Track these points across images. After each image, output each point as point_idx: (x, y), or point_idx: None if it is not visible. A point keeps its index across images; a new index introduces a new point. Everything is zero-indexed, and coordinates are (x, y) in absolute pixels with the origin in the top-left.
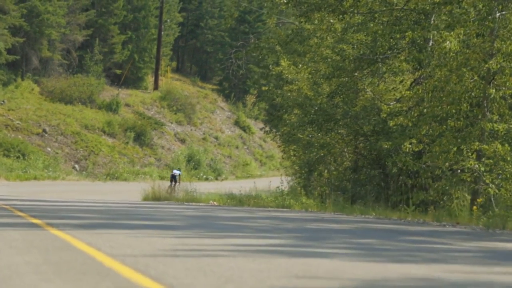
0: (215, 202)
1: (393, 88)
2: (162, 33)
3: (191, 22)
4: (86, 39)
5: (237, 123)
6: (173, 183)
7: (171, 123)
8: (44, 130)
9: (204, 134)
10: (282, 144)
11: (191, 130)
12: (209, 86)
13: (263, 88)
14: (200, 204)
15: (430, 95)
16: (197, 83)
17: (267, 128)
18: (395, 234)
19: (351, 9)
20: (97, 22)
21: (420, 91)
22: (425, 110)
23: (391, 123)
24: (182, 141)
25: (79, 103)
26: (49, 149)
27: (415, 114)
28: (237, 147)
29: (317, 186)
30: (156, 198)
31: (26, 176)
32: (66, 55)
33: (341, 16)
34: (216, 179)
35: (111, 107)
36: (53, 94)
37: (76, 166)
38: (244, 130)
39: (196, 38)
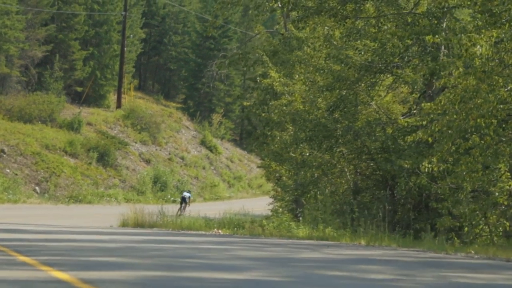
0: (220, 231)
1: (402, 101)
2: (125, 49)
3: (154, 38)
4: (45, 55)
5: (203, 142)
6: (183, 205)
7: (135, 142)
8: (2, 151)
9: (169, 154)
10: (270, 163)
11: (156, 150)
12: (173, 105)
13: (245, 103)
14: (203, 232)
15: (456, 106)
16: (161, 101)
17: (252, 146)
18: None
19: (354, 13)
20: (57, 38)
21: (442, 102)
22: (449, 125)
23: (408, 139)
24: (147, 161)
25: (39, 122)
26: (8, 170)
27: (437, 129)
28: (204, 168)
29: (311, 210)
30: (139, 224)
31: None
32: (25, 71)
33: (342, 21)
34: None
35: (73, 126)
36: (11, 112)
37: (37, 188)
38: (211, 150)
39: (159, 55)
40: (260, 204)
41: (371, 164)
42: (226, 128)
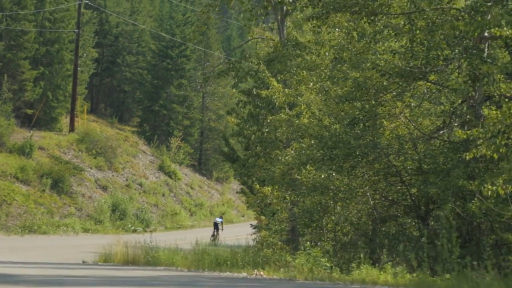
0: (262, 273)
1: (442, 112)
2: (79, 69)
3: (107, 59)
4: None
5: (161, 168)
6: (216, 230)
7: (91, 168)
8: None
9: (127, 180)
10: (261, 189)
11: (113, 176)
12: (128, 128)
13: (230, 119)
14: (244, 276)
15: None
16: (115, 124)
17: (239, 170)
18: None
19: (381, 9)
20: (6, 57)
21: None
22: None
23: (467, 156)
24: (104, 188)
25: None
26: None
27: (503, 142)
28: (163, 195)
29: (317, 241)
30: (130, 261)
31: None
32: None
33: (368, 17)
34: (145, 230)
35: (24, 150)
36: None
37: None
38: (170, 176)
39: (112, 76)
40: (229, 233)
41: (399, 187)
42: (185, 153)
